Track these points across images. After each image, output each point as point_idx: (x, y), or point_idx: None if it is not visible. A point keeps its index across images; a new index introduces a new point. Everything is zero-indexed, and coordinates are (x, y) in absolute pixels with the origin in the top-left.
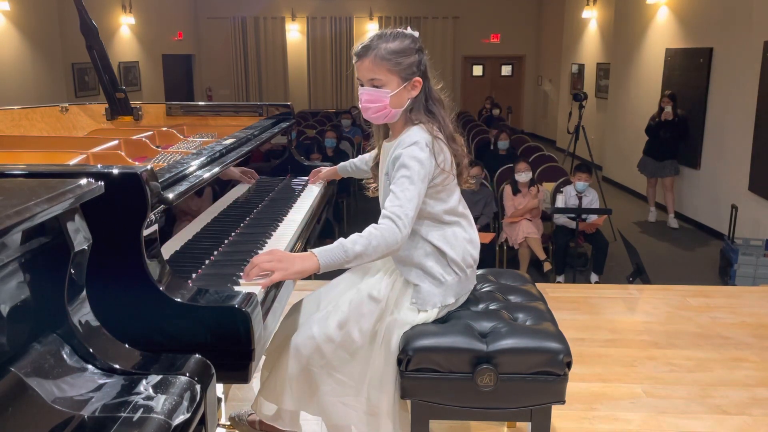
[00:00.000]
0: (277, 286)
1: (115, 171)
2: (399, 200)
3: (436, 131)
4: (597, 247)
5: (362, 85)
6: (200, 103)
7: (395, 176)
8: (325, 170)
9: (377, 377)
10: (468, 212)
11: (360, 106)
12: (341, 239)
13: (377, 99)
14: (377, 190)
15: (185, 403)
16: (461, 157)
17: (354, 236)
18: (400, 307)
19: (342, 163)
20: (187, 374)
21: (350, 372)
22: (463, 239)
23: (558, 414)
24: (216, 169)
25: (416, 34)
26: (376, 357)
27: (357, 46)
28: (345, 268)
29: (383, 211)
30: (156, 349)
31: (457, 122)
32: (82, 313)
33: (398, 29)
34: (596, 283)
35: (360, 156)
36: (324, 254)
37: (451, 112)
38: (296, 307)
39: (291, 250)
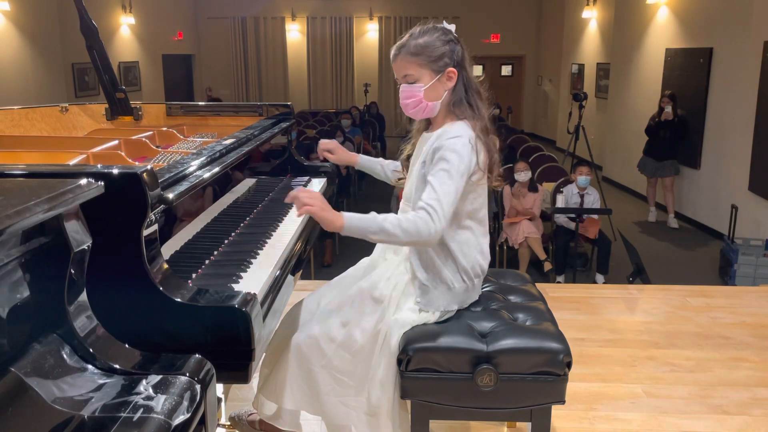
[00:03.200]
0: (278, 285)
1: (115, 171)
2: (436, 193)
3: (479, 129)
4: (600, 247)
5: (400, 85)
6: (200, 103)
7: (434, 168)
8: (344, 151)
9: (378, 378)
10: (486, 220)
11: (400, 104)
12: (381, 218)
13: (412, 94)
14: (403, 180)
15: (185, 403)
16: (493, 152)
17: (388, 214)
18: (402, 308)
19: (364, 156)
20: (187, 374)
21: (351, 372)
22: (475, 248)
23: (558, 414)
24: (216, 169)
25: (450, 27)
26: (377, 357)
27: (392, 48)
28: (368, 239)
29: (419, 203)
30: (156, 349)
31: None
32: (82, 313)
33: (431, 24)
34: (603, 283)
35: (381, 159)
36: (352, 216)
37: (490, 105)
38: (297, 306)
39: (291, 250)
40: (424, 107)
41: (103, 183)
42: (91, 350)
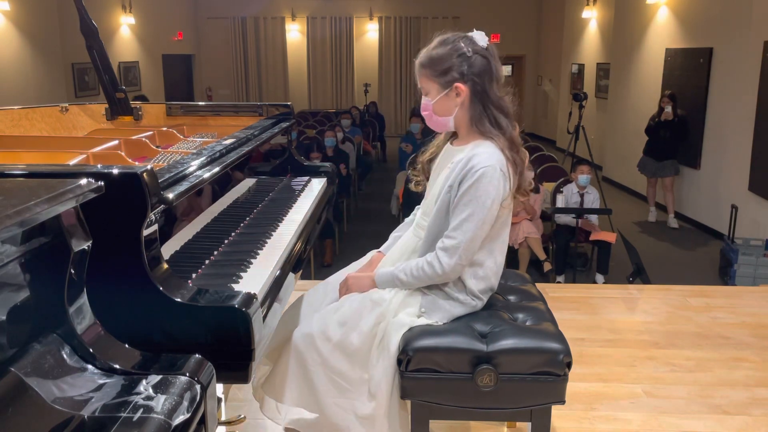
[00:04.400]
0: (278, 285)
1: (115, 171)
2: (456, 233)
3: (507, 148)
4: (600, 247)
5: None
6: (200, 103)
7: (462, 201)
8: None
9: (375, 380)
10: (504, 239)
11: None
12: (398, 270)
13: (425, 107)
14: (420, 184)
15: (185, 403)
16: (523, 170)
17: (410, 266)
18: (399, 313)
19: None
20: (187, 374)
21: (346, 374)
22: (490, 269)
23: (558, 414)
24: (216, 169)
25: (478, 37)
26: (374, 360)
27: None
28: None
29: (441, 241)
30: (156, 349)
31: None
32: (82, 313)
33: (451, 35)
34: (603, 283)
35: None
36: (380, 279)
37: (518, 120)
38: (300, 301)
39: (291, 250)
40: (437, 121)
41: (103, 183)
42: (91, 350)
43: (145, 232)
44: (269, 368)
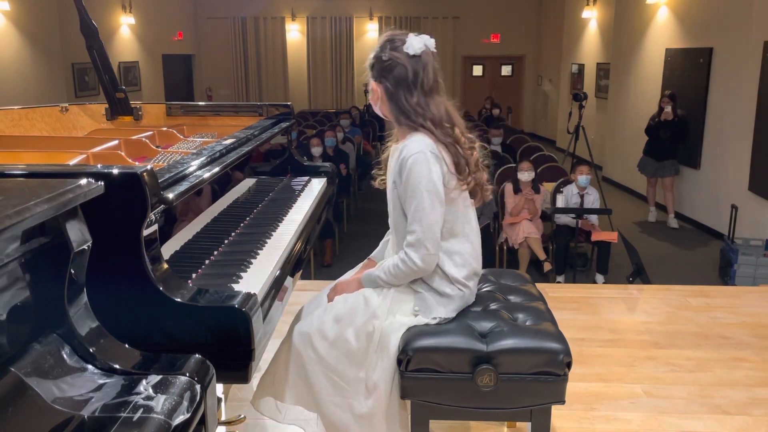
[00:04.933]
0: (278, 285)
1: (115, 171)
2: (413, 226)
3: (442, 136)
4: (600, 247)
5: None
6: (200, 103)
7: (407, 195)
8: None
9: (373, 381)
10: (473, 223)
11: None
12: (378, 269)
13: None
14: (384, 182)
15: (185, 403)
16: (465, 156)
17: (387, 265)
18: (395, 312)
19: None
20: (187, 374)
21: (343, 373)
22: (468, 255)
23: (558, 414)
24: (216, 169)
25: (413, 42)
26: (372, 361)
27: None
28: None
29: (406, 239)
30: (156, 349)
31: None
32: (82, 313)
33: (393, 34)
34: (603, 283)
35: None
36: (365, 279)
37: (457, 109)
38: (301, 311)
39: (291, 250)
40: (376, 109)
41: (103, 183)
42: (91, 350)
43: (145, 232)
44: (270, 367)
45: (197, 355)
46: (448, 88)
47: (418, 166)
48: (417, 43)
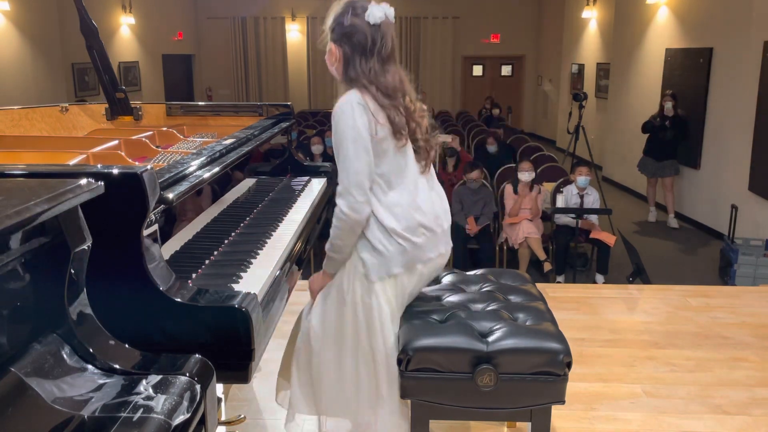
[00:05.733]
0: (278, 285)
1: (115, 171)
2: (341, 176)
3: (375, 92)
4: (600, 247)
5: None
6: (200, 103)
7: (335, 147)
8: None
9: (367, 360)
10: (412, 176)
11: None
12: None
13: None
14: None
15: (185, 403)
16: (400, 115)
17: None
18: (353, 284)
19: None
20: (187, 374)
21: (340, 361)
22: (407, 205)
23: (558, 414)
24: (216, 169)
25: (374, 10)
26: (362, 359)
27: None
28: (337, 260)
29: (336, 189)
30: (156, 349)
31: (457, 122)
32: (82, 314)
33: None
34: (603, 283)
35: None
36: (325, 264)
37: (406, 75)
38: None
39: (291, 250)
40: (329, 68)
41: (103, 183)
42: (91, 350)
43: (145, 232)
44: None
45: (197, 355)
46: (448, 87)
47: (344, 116)
48: (378, 12)
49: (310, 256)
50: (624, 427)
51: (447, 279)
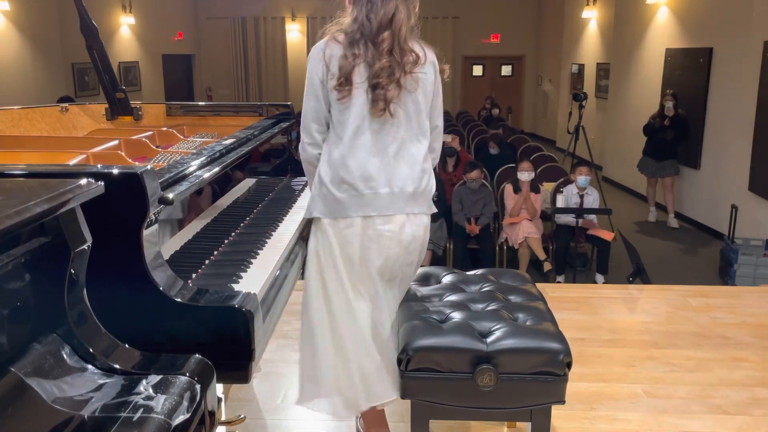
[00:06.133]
0: (278, 285)
1: (115, 171)
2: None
3: (343, 39)
4: (600, 247)
5: None
6: (200, 103)
7: None
8: None
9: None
10: (351, 131)
11: None
12: None
13: None
14: None
15: (185, 403)
16: (350, 64)
17: None
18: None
19: None
20: (187, 374)
21: (335, 332)
22: (336, 159)
23: (558, 414)
24: (216, 169)
25: None
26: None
27: None
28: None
29: None
30: (156, 349)
31: (457, 122)
32: (83, 314)
33: None
34: (603, 283)
35: None
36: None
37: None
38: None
39: (291, 250)
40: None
41: (103, 183)
42: (91, 350)
43: (145, 232)
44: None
45: (197, 355)
46: (448, 88)
47: (309, 62)
48: None
49: None
50: (624, 427)
51: (447, 279)
